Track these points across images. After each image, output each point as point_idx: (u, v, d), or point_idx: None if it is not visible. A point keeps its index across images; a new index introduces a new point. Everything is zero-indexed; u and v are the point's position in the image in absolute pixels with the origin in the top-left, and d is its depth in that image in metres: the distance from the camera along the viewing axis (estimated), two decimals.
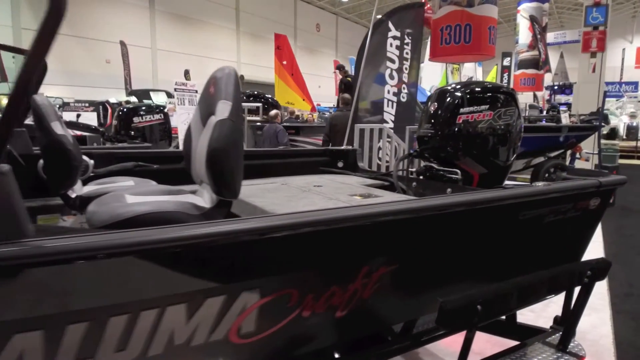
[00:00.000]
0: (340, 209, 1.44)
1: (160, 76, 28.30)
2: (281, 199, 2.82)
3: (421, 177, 3.38)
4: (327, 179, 3.65)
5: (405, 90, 6.00)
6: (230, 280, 1.26)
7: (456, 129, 3.08)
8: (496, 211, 1.77)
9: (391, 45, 5.99)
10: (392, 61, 6.00)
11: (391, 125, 5.85)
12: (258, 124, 8.31)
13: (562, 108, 10.17)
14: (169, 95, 19.46)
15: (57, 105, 14.03)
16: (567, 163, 8.93)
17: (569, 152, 9.16)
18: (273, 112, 7.96)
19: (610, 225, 7.14)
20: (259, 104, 8.46)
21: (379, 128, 5.20)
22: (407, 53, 6.01)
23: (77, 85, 24.12)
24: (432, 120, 3.19)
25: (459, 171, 3.09)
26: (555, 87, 18.46)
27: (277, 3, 34.83)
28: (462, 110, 3.07)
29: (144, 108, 5.77)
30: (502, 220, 1.83)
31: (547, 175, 8.13)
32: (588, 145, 9.07)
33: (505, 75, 29.27)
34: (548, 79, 20.11)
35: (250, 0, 32.91)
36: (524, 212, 1.85)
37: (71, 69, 24.40)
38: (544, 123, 11.39)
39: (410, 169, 3.59)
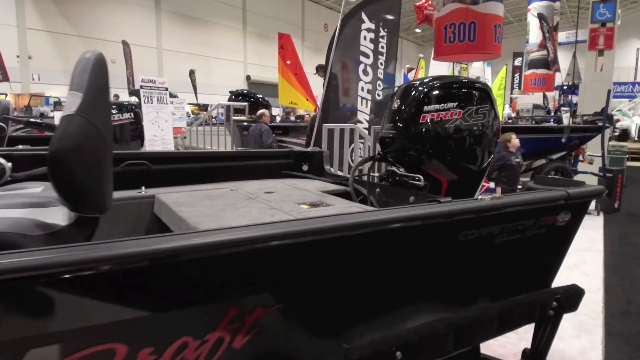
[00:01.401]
0: (182, 235, 1.09)
1: (166, 76, 28.07)
2: (216, 208, 2.51)
3: (384, 183, 3.03)
4: (284, 184, 3.32)
5: (381, 88, 5.60)
6: (6, 335, 0.91)
7: (420, 129, 2.71)
8: (424, 232, 1.41)
9: (365, 38, 5.53)
10: (366, 56, 5.59)
11: (366, 125, 5.45)
12: (245, 123, 7.99)
13: (564, 108, 9.70)
14: (171, 95, 19.25)
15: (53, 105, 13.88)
16: (570, 166, 8.51)
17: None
18: (260, 111, 7.64)
19: (613, 232, 6.71)
20: (245, 103, 8.13)
21: (350, 128, 4.83)
22: (382, 47, 5.57)
23: None
24: (394, 119, 2.83)
25: (421, 177, 2.72)
26: (565, 87, 17.90)
27: (285, 3, 34.60)
28: (426, 108, 2.70)
29: (113, 107, 5.48)
30: (433, 243, 1.47)
31: None
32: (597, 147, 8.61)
33: (517, 75, 28.78)
34: (559, 79, 19.59)
35: (257, 0, 32.73)
36: (465, 232, 1.49)
37: None
38: (551, 124, 10.95)
39: (373, 174, 3.23)
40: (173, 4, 28.54)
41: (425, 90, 2.75)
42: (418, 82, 2.84)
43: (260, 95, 9.51)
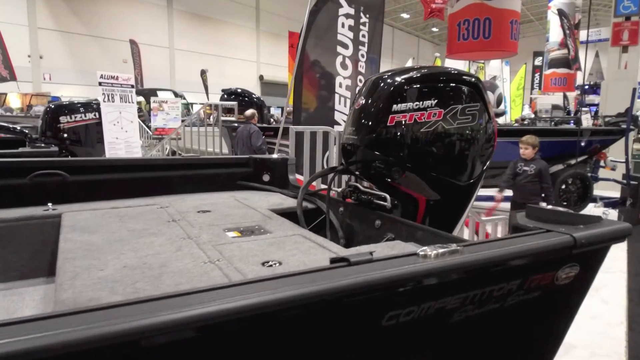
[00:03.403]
0: None
1: (178, 76, 28.07)
2: (116, 235, 1.99)
3: (349, 201, 2.44)
4: (233, 199, 2.75)
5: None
6: None
7: (389, 133, 2.11)
8: (316, 320, 0.82)
9: (343, 25, 4.79)
10: (345, 46, 4.85)
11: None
12: (235, 124, 7.44)
13: (584, 109, 8.96)
14: (176, 94, 18.92)
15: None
16: (590, 172, 7.78)
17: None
18: (249, 111, 7.07)
19: (639, 249, 5.97)
20: (235, 102, 7.58)
21: (323, 131, 4.18)
22: (364, 36, 4.87)
23: (94, 85, 23.84)
24: (358, 122, 2.23)
25: (387, 196, 2.11)
26: (586, 87, 17.02)
27: (299, 1, 34.10)
28: (395, 107, 2.09)
29: (78, 105, 4.98)
30: (336, 336, 0.87)
31: (564, 186, 7.00)
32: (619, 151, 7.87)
33: (537, 75, 28.00)
34: (579, 78, 18.73)
35: None
36: (394, 312, 0.90)
37: (88, 69, 24.22)
38: (571, 126, 10.21)
39: (335, 189, 2.63)
40: (185, 3, 28.35)
41: (396, 84, 2.14)
42: (388, 74, 2.23)
43: (256, 95, 8.96)
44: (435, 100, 2.10)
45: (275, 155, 3.19)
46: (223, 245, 1.78)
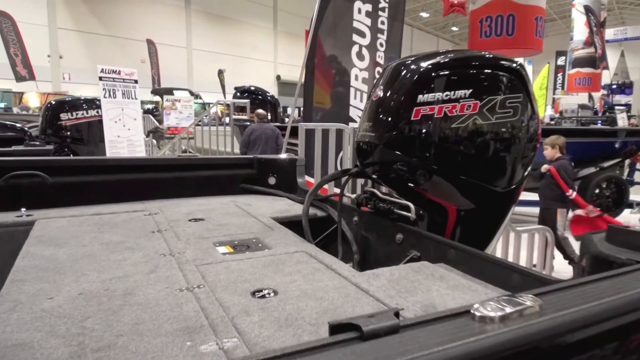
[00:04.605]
0: None
1: (196, 76, 28.12)
2: (85, 250, 1.72)
3: (365, 209, 2.09)
4: (233, 205, 2.43)
5: None
6: None
7: (413, 130, 1.76)
8: None
9: (360, 11, 4.31)
10: (362, 34, 4.36)
11: None
12: (247, 123, 7.14)
13: (619, 107, 8.45)
14: (192, 93, 18.79)
15: None
16: (625, 175, 7.28)
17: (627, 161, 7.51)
18: (260, 111, 6.74)
19: None
20: (247, 100, 7.28)
21: (336, 129, 3.79)
22: (382, 23, 4.39)
23: None
24: (375, 116, 1.88)
25: (411, 205, 1.76)
26: (614, 86, 16.37)
27: (316, 1, 33.86)
28: (422, 98, 1.74)
29: (80, 101, 4.72)
30: None
31: (597, 190, 6.54)
32: None
33: (560, 75, 27.48)
34: (605, 77, 18.06)
35: None
36: None
37: None
38: (599, 126, 9.74)
39: (348, 195, 2.29)
40: (203, 3, 28.43)
41: (422, 70, 1.79)
42: (412, 59, 1.88)
43: (270, 93, 8.65)
44: (470, 90, 1.74)
45: (282, 156, 2.85)
46: (209, 266, 1.46)
